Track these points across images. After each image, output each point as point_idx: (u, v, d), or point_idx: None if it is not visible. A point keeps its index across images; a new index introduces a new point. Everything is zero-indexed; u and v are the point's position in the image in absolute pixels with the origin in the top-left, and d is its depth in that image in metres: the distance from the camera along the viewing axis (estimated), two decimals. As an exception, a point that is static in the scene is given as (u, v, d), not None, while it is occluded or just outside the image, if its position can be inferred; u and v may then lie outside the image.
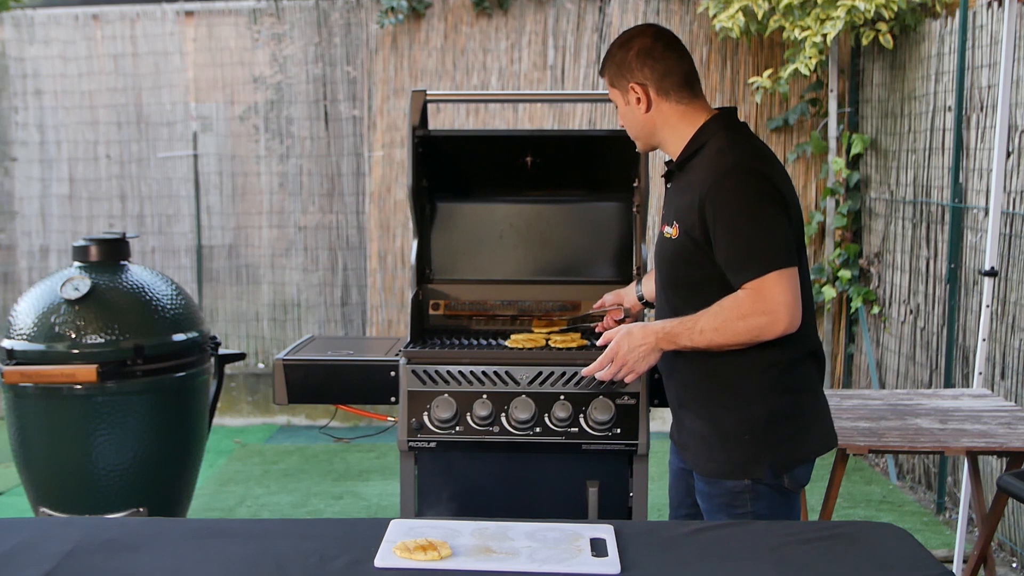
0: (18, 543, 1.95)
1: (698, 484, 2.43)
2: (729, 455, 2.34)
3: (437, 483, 2.90)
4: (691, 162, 2.39)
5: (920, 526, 4.62)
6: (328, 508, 4.99)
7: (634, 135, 2.51)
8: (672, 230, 2.37)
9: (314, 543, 1.94)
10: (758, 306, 2.22)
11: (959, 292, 4.77)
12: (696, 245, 2.31)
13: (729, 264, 2.27)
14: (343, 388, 3.01)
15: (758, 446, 2.33)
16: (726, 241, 2.26)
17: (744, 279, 2.24)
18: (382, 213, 6.56)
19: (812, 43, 5.37)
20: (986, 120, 4.52)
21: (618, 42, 2.46)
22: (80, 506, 3.56)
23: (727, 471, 2.34)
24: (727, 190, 2.26)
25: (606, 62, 2.47)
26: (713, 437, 2.37)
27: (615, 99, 2.48)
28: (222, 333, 6.73)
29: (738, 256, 2.25)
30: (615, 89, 2.46)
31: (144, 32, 6.70)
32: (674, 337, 2.32)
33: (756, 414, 2.33)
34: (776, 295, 2.22)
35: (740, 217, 2.25)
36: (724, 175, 2.27)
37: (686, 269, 2.36)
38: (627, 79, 2.41)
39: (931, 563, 1.87)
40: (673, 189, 2.46)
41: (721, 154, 2.32)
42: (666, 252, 2.42)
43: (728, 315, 2.25)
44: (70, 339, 3.52)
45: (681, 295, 2.39)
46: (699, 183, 2.31)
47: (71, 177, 6.88)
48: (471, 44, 6.43)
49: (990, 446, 3.09)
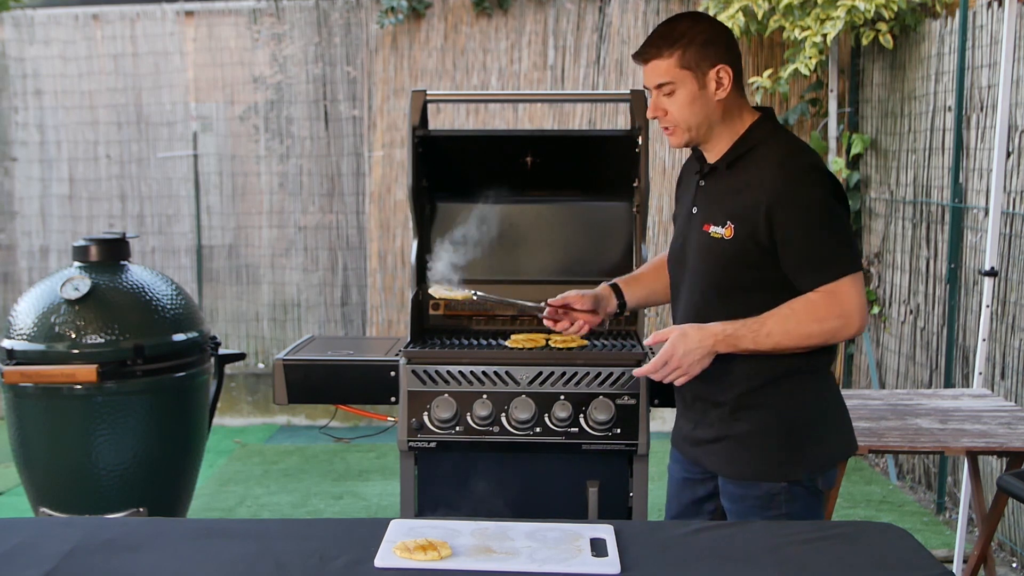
0: (18, 543, 1.95)
1: (726, 487, 2.38)
2: (768, 457, 2.31)
3: (437, 483, 2.90)
4: (742, 161, 2.30)
5: (920, 526, 4.62)
6: (328, 508, 4.99)
7: (692, 124, 2.30)
8: (724, 230, 2.28)
9: (314, 543, 1.94)
10: (834, 310, 2.20)
11: (959, 292, 4.77)
12: (758, 248, 2.24)
13: (802, 267, 2.23)
14: (343, 388, 3.01)
15: (797, 448, 2.31)
16: (801, 244, 2.21)
17: (819, 282, 2.21)
18: (382, 213, 6.56)
19: (812, 43, 5.37)
20: (986, 120, 4.52)
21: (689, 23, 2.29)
22: (80, 506, 3.56)
23: (764, 473, 2.31)
24: (803, 194, 2.22)
25: (679, 42, 2.25)
26: (749, 439, 2.32)
27: (681, 82, 2.27)
28: (222, 333, 6.73)
29: (814, 259, 2.22)
30: (686, 71, 2.26)
31: (144, 32, 6.70)
32: (736, 340, 2.23)
33: (797, 415, 2.32)
34: (851, 299, 2.21)
35: (817, 221, 2.22)
36: (799, 178, 2.23)
37: (743, 271, 2.28)
38: (712, 61, 2.26)
39: (931, 563, 1.87)
40: (717, 187, 2.35)
41: (791, 156, 2.27)
42: (716, 253, 2.30)
43: (802, 318, 2.21)
44: (70, 339, 3.52)
45: (732, 297, 2.30)
46: (764, 184, 2.23)
47: (71, 177, 6.88)
48: (471, 44, 6.43)
49: (990, 446, 3.09)
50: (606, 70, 6.35)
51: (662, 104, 2.31)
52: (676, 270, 2.47)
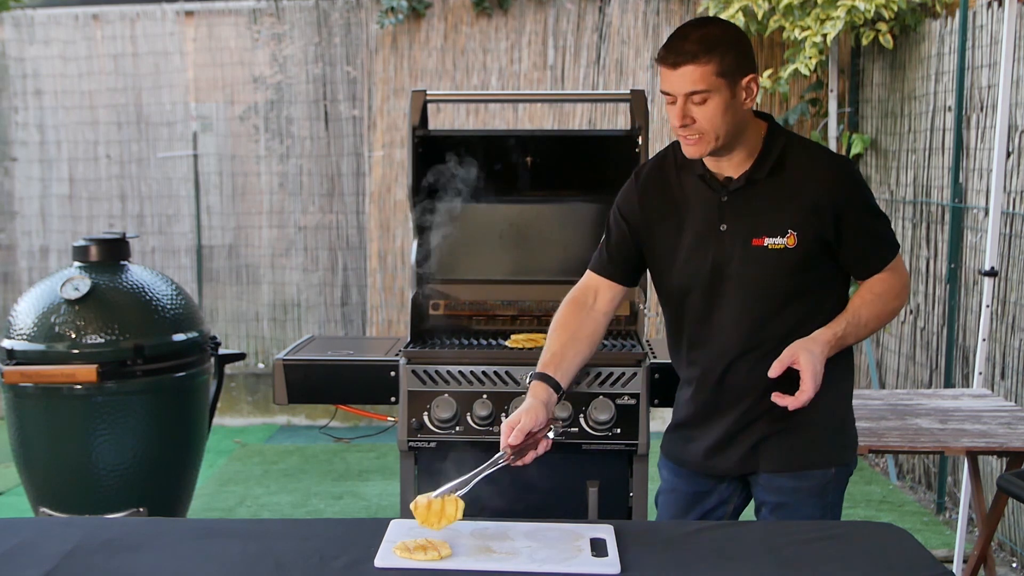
0: (18, 543, 1.95)
1: (773, 482, 2.36)
2: (823, 445, 2.37)
3: (437, 483, 2.89)
4: (780, 167, 2.28)
5: (920, 526, 4.62)
6: (328, 508, 4.99)
7: (722, 133, 2.23)
8: (787, 240, 2.25)
9: (314, 543, 1.94)
10: (901, 281, 2.36)
11: (959, 292, 4.77)
12: (825, 249, 2.28)
13: (872, 253, 2.33)
14: (343, 388, 3.01)
15: (844, 432, 2.43)
16: (871, 232, 2.32)
17: (886, 262, 2.33)
18: (382, 213, 6.56)
19: (812, 43, 5.37)
20: (986, 120, 4.52)
21: (722, 30, 2.25)
22: (80, 506, 3.56)
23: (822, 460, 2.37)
24: (861, 184, 2.33)
25: (717, 49, 2.18)
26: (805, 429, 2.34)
27: (716, 91, 2.19)
28: (222, 333, 6.73)
29: (880, 243, 2.34)
30: (722, 79, 2.18)
31: (144, 32, 6.70)
32: (843, 341, 2.30)
33: (844, 400, 2.44)
34: (905, 271, 2.39)
35: (869, 210, 2.32)
36: (850, 172, 2.33)
37: (807, 275, 2.29)
38: (744, 70, 2.22)
39: (931, 563, 1.87)
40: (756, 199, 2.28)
41: (832, 155, 2.38)
42: (778, 263, 2.26)
43: (887, 298, 2.33)
44: (70, 339, 3.52)
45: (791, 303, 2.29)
46: (818, 186, 2.25)
47: (71, 177, 6.88)
48: (471, 44, 6.43)
49: (990, 446, 3.09)
50: (606, 70, 6.35)
51: (691, 112, 2.21)
52: (709, 290, 2.33)
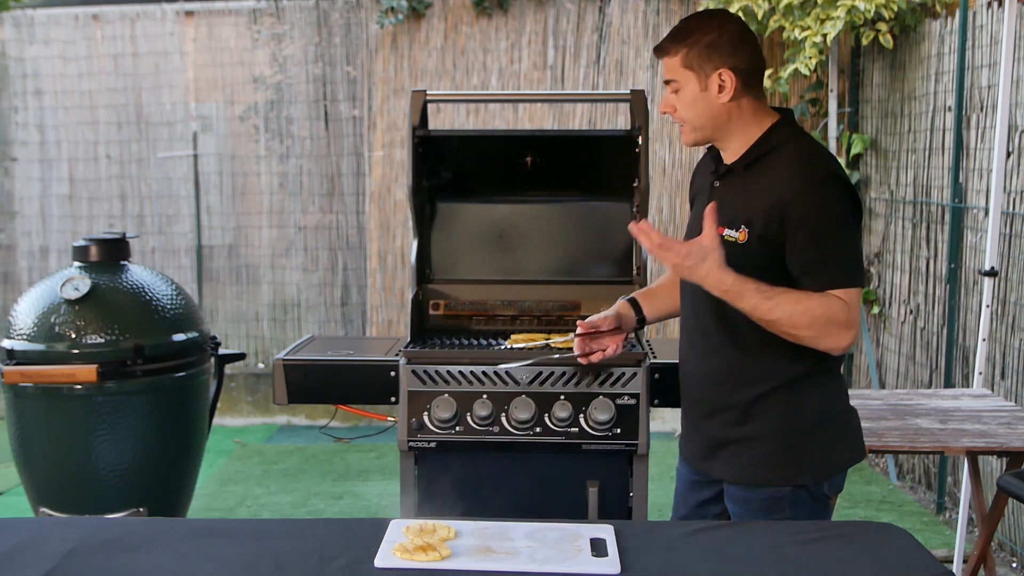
0: (18, 543, 1.95)
1: (731, 491, 2.38)
2: (774, 461, 2.31)
3: (437, 483, 2.89)
4: (760, 163, 2.28)
5: (920, 526, 4.62)
6: (328, 508, 4.99)
7: (696, 124, 2.30)
8: (739, 234, 2.26)
9: (314, 543, 1.94)
10: (843, 316, 2.17)
11: (959, 292, 4.77)
12: (771, 251, 2.22)
13: (813, 268, 2.19)
14: (343, 388, 3.01)
15: (802, 453, 2.30)
16: (816, 247, 2.19)
17: (831, 285, 2.18)
18: (382, 213, 6.56)
19: (812, 43, 5.37)
20: (986, 120, 4.52)
21: (700, 23, 2.30)
22: (80, 506, 3.56)
23: (770, 478, 2.31)
24: (825, 197, 2.20)
25: (684, 42, 2.26)
26: (756, 443, 2.32)
27: (684, 82, 2.27)
28: (222, 333, 6.73)
29: (827, 263, 2.20)
30: (690, 72, 2.26)
31: (144, 32, 6.70)
32: (740, 293, 2.17)
33: (803, 420, 2.31)
34: (854, 312, 2.19)
35: (836, 227, 2.20)
36: (820, 182, 2.21)
37: (755, 276, 2.23)
38: (715, 63, 2.24)
39: (931, 563, 1.87)
40: (732, 189, 2.32)
41: (810, 160, 2.25)
42: (729, 256, 2.23)
43: (815, 309, 2.16)
44: (70, 339, 3.52)
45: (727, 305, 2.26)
46: (780, 187, 2.21)
47: (71, 177, 6.88)
48: (471, 44, 6.43)
49: (990, 446, 3.09)
50: (606, 70, 6.35)
51: (671, 100, 2.31)
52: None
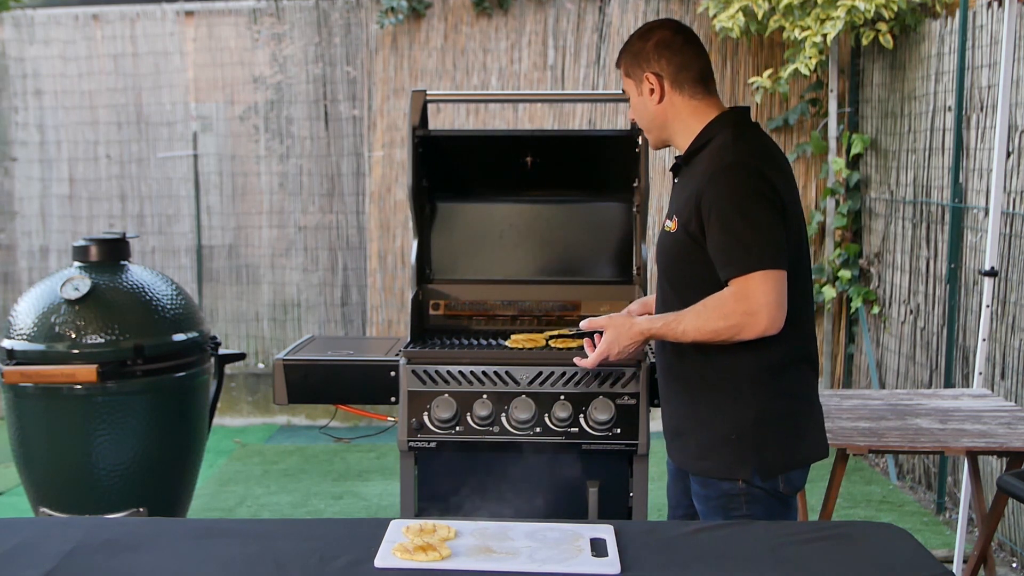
0: (18, 543, 1.95)
1: (693, 486, 2.42)
2: (718, 455, 2.34)
3: (437, 483, 2.90)
4: (696, 157, 2.40)
5: (920, 526, 4.62)
6: (328, 508, 4.99)
7: (645, 127, 2.50)
8: (672, 224, 2.38)
9: (314, 543, 1.94)
10: (740, 306, 2.21)
11: (959, 292, 4.77)
12: (693, 240, 2.31)
13: (717, 259, 2.26)
14: (343, 388, 3.01)
15: (745, 448, 2.31)
16: (717, 236, 2.25)
17: (729, 275, 2.24)
18: (382, 213, 6.56)
19: (812, 43, 5.37)
20: (986, 120, 4.52)
21: (638, 33, 2.47)
22: (80, 506, 3.56)
23: (713, 470, 2.34)
24: (723, 185, 2.26)
25: (623, 51, 2.47)
26: (703, 436, 2.36)
27: (628, 90, 2.48)
28: (222, 333, 6.73)
29: (726, 251, 2.24)
30: (629, 79, 2.46)
31: (144, 32, 6.70)
32: (662, 335, 2.37)
33: (746, 415, 2.31)
34: (759, 295, 2.20)
35: (733, 213, 2.24)
36: (722, 170, 2.27)
37: (683, 265, 2.37)
38: (642, 69, 2.42)
39: (931, 563, 1.87)
40: (678, 184, 2.47)
41: (723, 150, 2.32)
42: (666, 246, 2.42)
43: (711, 314, 2.25)
44: (70, 339, 3.52)
45: (678, 290, 2.39)
46: (697, 179, 2.32)
47: (71, 177, 6.88)
48: (471, 44, 6.43)
49: (990, 446, 3.09)
50: (606, 70, 6.35)
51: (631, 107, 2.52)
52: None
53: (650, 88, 2.41)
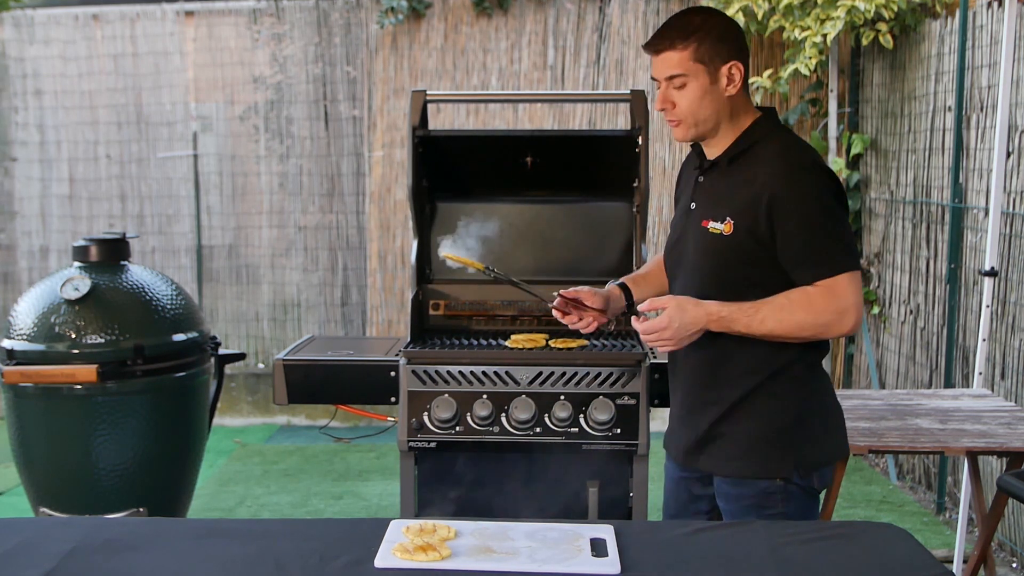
0: (18, 543, 1.95)
1: (721, 486, 2.39)
2: (759, 454, 2.32)
3: (437, 483, 2.90)
4: (743, 157, 2.31)
5: (920, 526, 4.62)
6: (328, 508, 4.99)
7: (699, 118, 2.30)
8: (724, 226, 2.28)
9: (314, 543, 1.94)
10: (831, 304, 2.21)
11: (959, 292, 4.77)
12: (758, 243, 2.25)
13: (801, 260, 2.23)
14: (343, 388, 3.01)
15: (787, 445, 2.31)
16: (800, 237, 2.22)
17: (819, 275, 2.22)
18: (382, 213, 6.56)
19: (812, 43, 5.37)
20: (986, 120, 4.52)
21: (702, 17, 2.30)
22: (80, 506, 3.56)
23: (756, 470, 2.32)
24: (804, 185, 2.23)
25: (693, 35, 2.25)
26: (743, 436, 2.33)
27: (693, 76, 2.26)
28: (222, 333, 6.73)
29: (814, 251, 2.22)
30: (699, 65, 2.25)
31: (144, 32, 6.70)
32: (730, 323, 2.25)
33: (788, 413, 2.32)
34: (848, 295, 2.21)
35: (819, 214, 2.22)
36: (801, 172, 2.24)
37: (741, 268, 2.28)
38: (725, 57, 2.26)
39: (931, 563, 1.87)
40: (717, 184, 2.35)
41: (792, 151, 2.29)
42: (715, 249, 2.31)
43: (796, 309, 2.22)
44: (70, 339, 3.52)
45: (724, 294, 2.29)
46: (764, 179, 2.24)
47: (71, 177, 6.88)
48: (471, 44, 6.43)
49: (990, 446, 3.09)
50: (606, 70, 6.35)
51: (671, 96, 2.30)
52: (673, 265, 2.48)
53: (729, 77, 2.27)
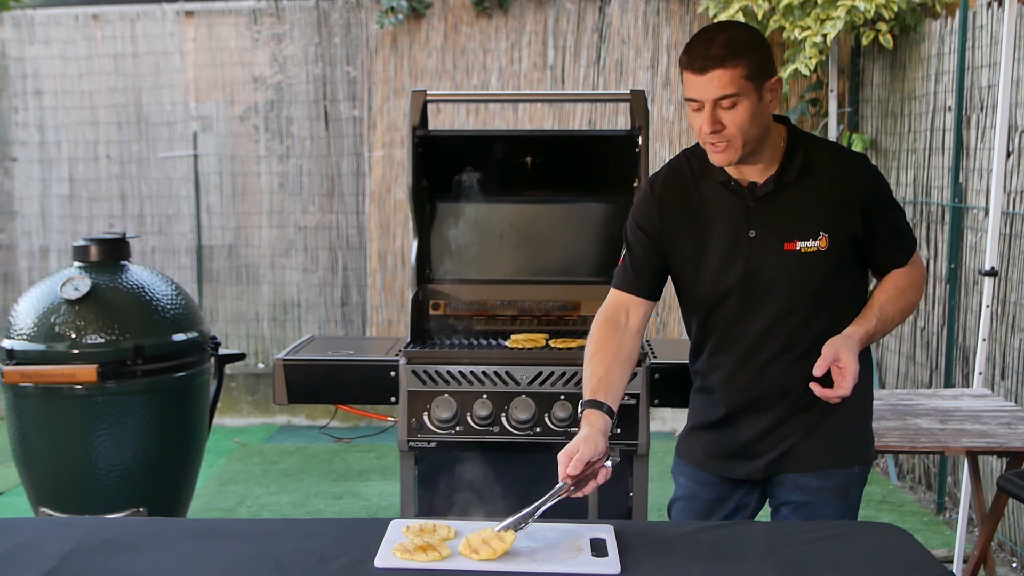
0: (18, 543, 1.95)
1: (800, 481, 2.36)
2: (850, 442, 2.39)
3: (437, 483, 2.90)
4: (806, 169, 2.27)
5: (920, 526, 4.62)
6: (328, 508, 4.99)
7: (749, 138, 2.20)
8: (819, 242, 2.24)
9: (314, 543, 1.94)
10: (919, 274, 2.38)
11: (959, 292, 4.77)
12: (855, 248, 2.30)
13: (897, 244, 2.35)
14: (343, 388, 3.01)
15: (866, 432, 2.45)
16: (893, 225, 2.34)
17: (910, 252, 2.37)
18: (382, 213, 6.56)
19: (812, 43, 5.37)
20: (986, 120, 4.52)
21: (745, 33, 2.21)
22: (80, 506, 3.56)
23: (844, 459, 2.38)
24: (881, 181, 2.35)
25: (746, 53, 2.15)
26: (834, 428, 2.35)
27: (745, 94, 2.15)
28: (222, 333, 6.73)
29: (903, 236, 2.37)
30: (750, 83, 2.15)
31: (144, 32, 6.70)
32: (873, 337, 2.30)
33: (866, 400, 2.45)
34: (921, 263, 2.42)
35: (894, 201, 2.38)
36: (873, 168, 2.36)
37: (839, 278, 2.29)
38: (768, 73, 2.19)
39: (931, 563, 1.87)
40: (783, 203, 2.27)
41: (849, 151, 2.39)
42: (812, 266, 2.25)
43: (909, 292, 2.35)
44: (70, 339, 3.52)
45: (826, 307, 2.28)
46: (843, 184, 2.26)
47: (71, 177, 6.88)
48: (471, 44, 6.43)
49: (990, 446, 3.09)
50: (606, 70, 6.35)
51: (720, 117, 2.16)
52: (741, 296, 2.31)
53: (772, 94, 2.20)
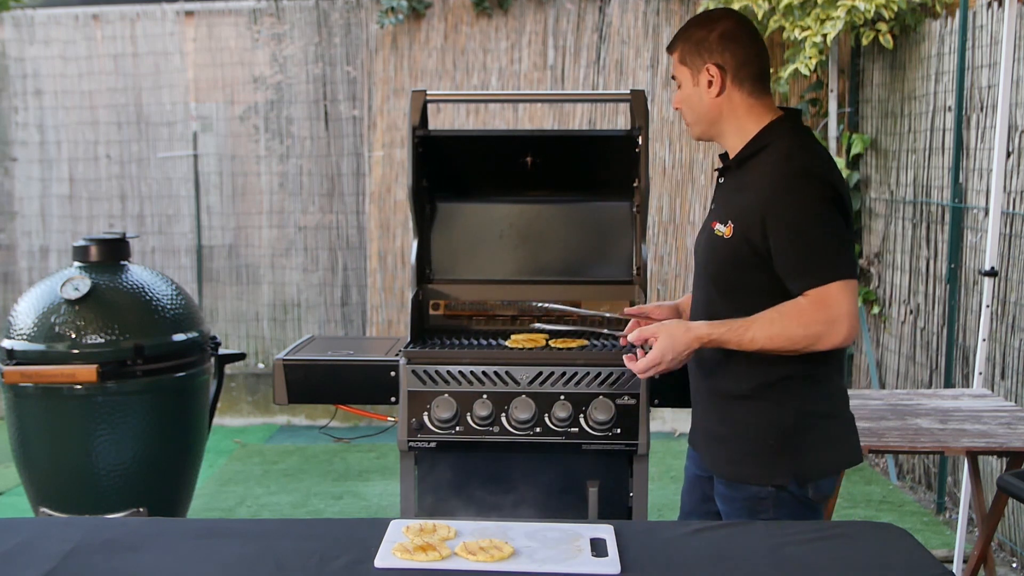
0: (18, 543, 1.95)
1: (718, 487, 2.39)
2: (754, 460, 2.31)
3: (437, 483, 2.89)
4: (751, 161, 2.31)
5: (920, 526, 4.62)
6: (328, 508, 4.99)
7: (693, 120, 2.39)
8: (726, 229, 2.29)
9: (314, 543, 1.94)
10: (820, 315, 2.16)
11: (959, 292, 4.77)
12: (752, 249, 2.24)
13: (792, 269, 2.20)
14: (343, 388, 3.01)
15: (783, 453, 2.29)
16: (791, 246, 2.19)
17: (808, 284, 2.18)
18: (382, 213, 6.56)
19: (812, 43, 5.37)
20: (986, 120, 4.52)
21: (699, 20, 2.37)
22: (80, 506, 3.56)
23: (749, 475, 2.31)
24: (795, 194, 2.20)
25: (681, 37, 2.36)
26: (741, 441, 2.32)
27: (681, 78, 2.36)
28: (222, 333, 6.73)
29: (803, 261, 2.19)
30: (685, 67, 2.34)
31: (144, 32, 6.70)
32: (721, 343, 2.25)
33: (786, 422, 2.29)
34: (840, 304, 2.16)
35: (808, 222, 2.19)
36: (793, 179, 2.21)
37: (737, 273, 2.28)
38: (704, 59, 2.31)
39: (931, 563, 1.87)
40: (727, 186, 2.38)
41: (789, 158, 2.25)
42: (716, 250, 2.33)
43: (787, 322, 2.19)
44: (70, 339, 3.52)
45: (727, 297, 2.31)
46: (761, 185, 2.24)
47: (71, 177, 6.88)
48: (471, 44, 6.43)
49: (990, 446, 3.09)
50: (606, 70, 6.35)
51: (677, 96, 2.41)
52: (695, 265, 2.49)
53: (708, 80, 2.31)
